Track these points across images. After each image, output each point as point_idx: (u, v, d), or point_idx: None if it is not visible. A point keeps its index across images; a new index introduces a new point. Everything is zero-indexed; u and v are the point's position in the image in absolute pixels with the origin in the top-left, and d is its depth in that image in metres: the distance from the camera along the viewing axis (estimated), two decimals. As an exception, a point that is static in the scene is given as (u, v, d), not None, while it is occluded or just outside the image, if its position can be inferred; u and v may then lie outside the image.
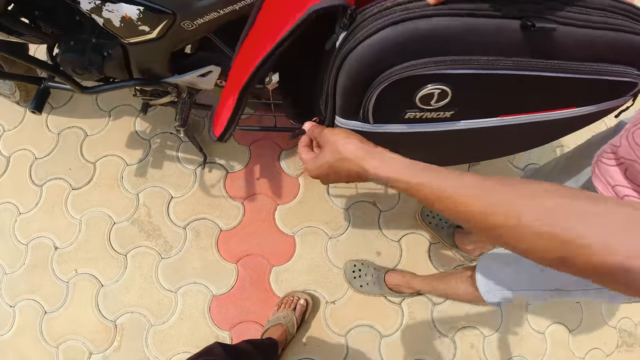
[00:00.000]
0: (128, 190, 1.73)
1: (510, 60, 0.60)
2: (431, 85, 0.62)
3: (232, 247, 1.71)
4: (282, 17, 0.69)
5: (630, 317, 1.98)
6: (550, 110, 0.74)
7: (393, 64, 0.60)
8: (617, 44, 0.62)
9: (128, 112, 1.84)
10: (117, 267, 1.65)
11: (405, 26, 0.56)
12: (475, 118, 0.73)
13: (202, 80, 1.30)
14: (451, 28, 0.56)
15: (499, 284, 1.10)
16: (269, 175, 1.82)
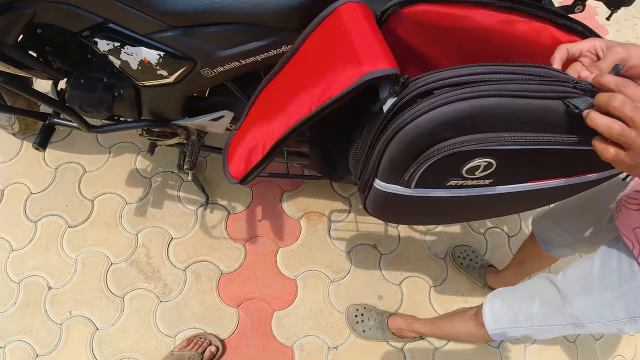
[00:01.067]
0: (127, 229, 1.68)
1: (552, 136, 0.63)
2: (479, 158, 0.64)
3: (233, 290, 1.67)
4: (326, 69, 0.69)
5: (624, 354, 1.98)
6: (575, 176, 0.76)
7: (446, 138, 0.61)
8: None
9: (129, 149, 1.80)
10: (113, 310, 1.58)
11: (462, 105, 0.58)
12: (509, 184, 0.75)
13: (213, 124, 1.27)
14: (503, 107, 0.59)
15: (509, 320, 1.10)
16: (270, 217, 1.79)
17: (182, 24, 0.90)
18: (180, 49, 0.96)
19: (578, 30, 0.79)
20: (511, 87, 0.59)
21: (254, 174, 0.86)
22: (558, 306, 1.00)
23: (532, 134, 0.62)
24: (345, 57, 0.67)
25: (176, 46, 0.95)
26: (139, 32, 0.93)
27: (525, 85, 0.59)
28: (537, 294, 1.06)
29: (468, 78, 0.59)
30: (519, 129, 0.62)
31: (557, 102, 0.60)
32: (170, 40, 0.94)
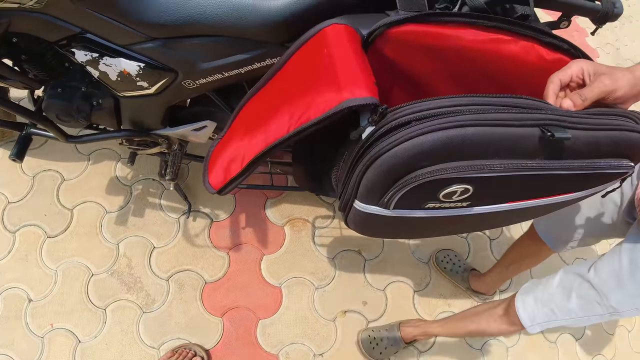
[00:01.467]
0: (107, 239, 1.64)
1: (529, 163, 0.65)
2: (456, 185, 0.65)
3: (217, 299, 1.64)
4: (307, 90, 0.69)
5: (604, 354, 2.02)
6: (552, 196, 0.78)
7: (423, 166, 0.62)
8: (617, 142, 0.69)
9: (109, 156, 1.76)
10: (95, 322, 1.54)
11: (438, 135, 0.59)
12: (487, 205, 0.76)
13: (195, 134, 1.25)
14: (480, 136, 0.60)
15: (546, 315, 1.14)
16: (254, 224, 1.77)
17: (162, 35, 0.88)
18: (161, 60, 0.94)
19: (564, 48, 0.81)
20: (488, 116, 0.60)
21: (232, 185, 0.85)
22: (596, 300, 1.04)
23: (510, 160, 0.64)
24: (326, 80, 0.66)
25: (157, 57, 0.93)
26: (118, 43, 0.91)
27: (503, 114, 0.61)
28: (572, 290, 1.09)
29: (447, 110, 0.60)
30: (496, 156, 0.63)
31: (535, 130, 0.62)
32: (151, 51, 0.91)
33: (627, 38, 3.37)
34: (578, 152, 0.67)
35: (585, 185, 0.78)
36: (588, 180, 0.75)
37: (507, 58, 0.81)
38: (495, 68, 0.84)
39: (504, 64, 0.82)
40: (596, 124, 0.66)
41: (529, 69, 0.83)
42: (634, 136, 0.69)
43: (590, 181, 0.75)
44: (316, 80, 0.69)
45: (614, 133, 0.67)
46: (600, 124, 0.67)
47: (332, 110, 0.63)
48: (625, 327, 2.13)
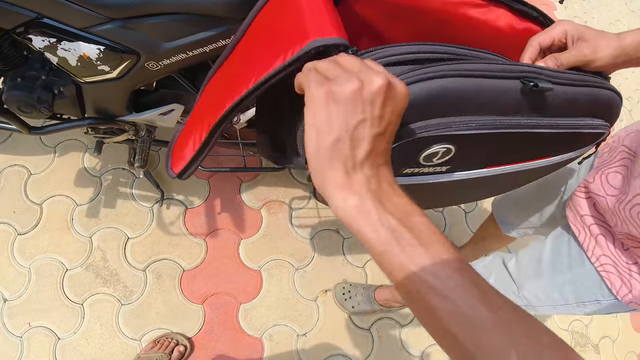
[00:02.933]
0: (80, 233, 1.60)
1: (513, 119, 0.64)
2: (438, 145, 0.62)
3: (196, 287, 1.62)
4: (268, 53, 0.64)
5: (581, 319, 2.08)
6: (529, 160, 0.77)
7: (403, 124, 0.57)
8: (593, 99, 0.69)
9: (75, 147, 1.70)
10: (73, 318, 1.51)
11: (420, 86, 0.55)
12: (466, 170, 0.75)
13: (162, 118, 1.22)
14: (462, 89, 0.58)
15: None
16: (230, 209, 1.74)
17: (121, 15, 0.84)
18: (121, 42, 0.89)
19: (532, 16, 0.80)
20: (470, 66, 0.58)
21: (192, 167, 0.80)
22: (512, 290, 1.05)
23: (493, 117, 0.62)
24: (292, 30, 0.60)
25: (117, 39, 0.89)
26: (76, 26, 0.86)
27: (484, 64, 0.59)
28: (492, 271, 1.11)
29: (423, 56, 0.58)
30: (478, 111, 0.61)
31: (516, 82, 0.60)
32: (110, 33, 0.87)
33: (595, 11, 3.42)
34: (558, 109, 0.67)
35: (563, 149, 0.78)
36: (567, 143, 0.75)
37: (476, 23, 0.80)
38: (465, 34, 0.82)
39: (473, 29, 0.81)
40: (572, 79, 0.66)
41: (499, 36, 0.82)
42: (605, 93, 0.69)
43: (568, 144, 0.75)
44: (281, 34, 0.63)
45: (590, 90, 0.68)
46: (575, 79, 0.66)
47: (299, 53, 0.56)
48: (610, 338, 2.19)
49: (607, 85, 0.69)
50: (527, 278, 1.02)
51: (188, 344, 1.53)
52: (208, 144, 0.74)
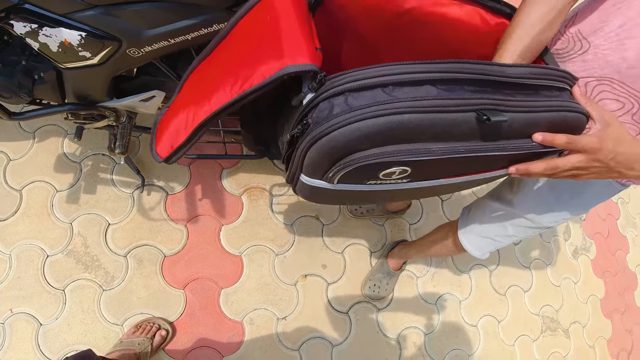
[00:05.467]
0: (60, 219, 1.60)
1: (466, 145, 0.68)
2: (394, 167, 0.67)
3: (178, 272, 1.65)
4: (251, 57, 0.69)
5: (551, 304, 2.17)
6: (487, 172, 0.82)
7: (362, 149, 0.64)
8: (557, 122, 0.72)
9: (54, 132, 1.69)
10: (55, 304, 1.52)
11: (376, 121, 0.61)
12: (425, 181, 0.80)
13: (144, 104, 1.22)
14: (416, 123, 0.62)
15: (491, 244, 1.28)
16: (211, 195, 1.77)
17: (103, 2, 0.85)
18: (103, 28, 0.90)
19: (506, 12, 0.84)
20: (425, 102, 0.61)
21: (179, 153, 0.83)
22: (529, 225, 1.16)
23: (446, 144, 0.66)
24: (269, 47, 0.67)
25: (98, 26, 0.89)
26: (58, 12, 0.87)
27: (440, 100, 0.62)
28: (506, 222, 1.21)
29: (384, 79, 0.62)
30: (433, 139, 0.65)
31: (471, 114, 0.64)
32: (92, 19, 0.88)
33: None
34: (515, 133, 0.70)
35: (521, 161, 0.81)
36: (525, 158, 0.78)
37: (451, 21, 0.84)
38: (440, 31, 0.86)
39: (449, 27, 0.85)
40: (534, 107, 0.69)
41: (474, 32, 0.86)
42: (571, 116, 0.72)
43: (526, 158, 0.78)
44: (260, 47, 0.69)
45: (551, 115, 0.71)
46: (539, 106, 0.69)
47: (272, 76, 0.63)
48: (571, 279, 2.30)
49: (575, 108, 0.73)
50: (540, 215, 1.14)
51: (170, 328, 1.56)
52: (193, 137, 0.78)
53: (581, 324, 2.24)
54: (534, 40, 0.79)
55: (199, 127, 0.76)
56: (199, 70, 0.85)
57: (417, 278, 1.96)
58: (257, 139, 1.02)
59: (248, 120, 1.00)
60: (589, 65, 0.83)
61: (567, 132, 0.73)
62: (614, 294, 2.42)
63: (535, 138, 0.72)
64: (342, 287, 1.83)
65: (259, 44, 0.70)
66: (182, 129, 0.80)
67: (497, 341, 2.01)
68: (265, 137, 0.96)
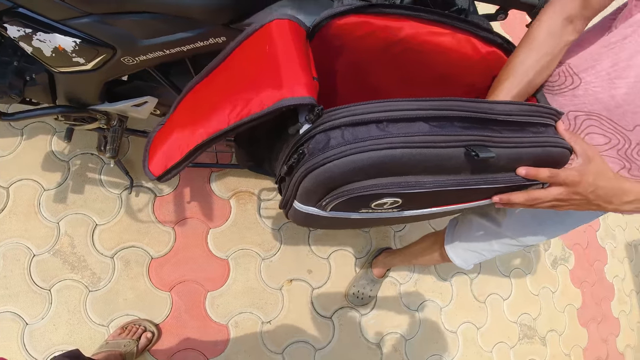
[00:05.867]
0: (47, 218, 1.61)
1: (455, 179, 0.72)
2: (386, 198, 0.71)
3: (164, 275, 1.67)
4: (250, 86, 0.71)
5: (529, 312, 2.24)
6: (475, 202, 0.86)
7: (355, 180, 0.68)
8: (542, 158, 0.76)
9: (44, 130, 1.69)
10: (41, 303, 1.53)
11: (370, 155, 0.64)
12: (415, 210, 0.84)
13: (136, 109, 1.23)
14: (408, 157, 0.66)
15: (477, 257, 1.35)
16: (199, 198, 1.78)
17: (99, 10, 0.85)
18: (98, 36, 0.90)
19: (497, 42, 0.88)
20: (417, 139, 0.65)
21: (172, 172, 0.85)
22: (513, 244, 1.23)
23: (437, 177, 0.70)
24: (268, 77, 0.69)
25: (94, 33, 0.89)
26: (53, 18, 0.87)
27: (431, 137, 0.66)
28: (492, 239, 1.26)
29: (379, 116, 0.65)
30: (424, 172, 0.69)
31: (461, 150, 0.68)
32: (87, 27, 0.88)
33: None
34: (501, 167, 0.75)
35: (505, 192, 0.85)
36: (508, 189, 0.82)
37: (444, 49, 0.87)
38: (433, 59, 0.89)
39: (441, 55, 0.88)
40: (520, 143, 0.73)
41: (465, 60, 0.89)
42: (556, 151, 0.77)
43: (510, 189, 0.82)
44: (259, 76, 0.71)
45: (536, 150, 0.75)
46: (525, 142, 0.74)
47: (271, 107, 0.66)
48: (549, 288, 2.37)
49: (559, 143, 0.77)
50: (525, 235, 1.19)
51: (155, 330, 1.58)
52: (188, 159, 0.80)
53: (558, 333, 2.31)
54: (528, 85, 0.84)
55: (195, 149, 0.78)
56: (196, 90, 0.86)
57: (400, 284, 2.01)
58: (251, 155, 1.04)
59: (243, 138, 1.02)
60: (579, 101, 0.87)
61: (551, 166, 0.77)
62: (591, 303, 2.50)
63: (519, 172, 0.76)
64: (327, 292, 1.87)
65: (258, 73, 0.72)
66: (177, 149, 0.81)
67: (476, 347, 2.07)
68: (258, 155, 0.98)
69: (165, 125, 0.91)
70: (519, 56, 0.84)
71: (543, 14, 0.84)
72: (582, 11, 0.81)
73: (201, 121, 0.78)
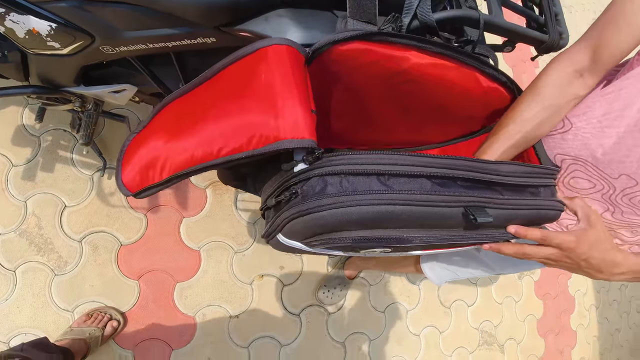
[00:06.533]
0: (14, 195, 1.62)
1: (448, 234, 0.74)
2: (378, 248, 0.73)
3: (133, 262, 1.72)
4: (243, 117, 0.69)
5: (491, 320, 2.39)
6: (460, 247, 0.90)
7: (351, 230, 0.68)
8: (536, 218, 0.80)
9: (15, 101, 1.67)
10: (5, 285, 1.56)
11: (368, 209, 0.65)
12: (404, 252, 0.89)
13: (113, 96, 1.21)
14: (406, 214, 0.67)
15: (450, 275, 1.42)
16: (174, 186, 1.81)
17: None
18: (76, 22, 0.88)
19: (502, 81, 0.91)
20: (418, 197, 0.66)
21: (150, 192, 0.82)
22: (486, 270, 1.31)
23: (430, 232, 0.72)
24: (264, 108, 0.67)
25: (71, 19, 0.87)
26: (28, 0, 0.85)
27: (433, 196, 0.68)
28: (468, 262, 1.34)
29: (381, 168, 0.66)
30: (419, 227, 0.71)
31: (459, 209, 0.71)
32: (65, 12, 0.85)
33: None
34: (495, 225, 0.77)
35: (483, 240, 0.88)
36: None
37: (448, 83, 0.89)
38: (434, 90, 0.90)
39: (444, 87, 0.90)
40: (519, 205, 0.77)
41: (467, 93, 0.92)
42: (550, 214, 0.81)
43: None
44: (253, 105, 0.69)
45: (531, 212, 0.79)
46: (522, 204, 0.77)
47: (267, 147, 0.65)
48: (513, 298, 2.53)
49: (556, 207, 0.81)
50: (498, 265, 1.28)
51: (121, 318, 1.63)
52: (169, 182, 0.78)
53: (516, 341, 2.48)
54: (525, 136, 0.88)
55: (177, 175, 0.77)
56: (177, 104, 0.84)
57: (369, 286, 2.12)
58: (235, 177, 1.03)
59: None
60: (568, 145, 0.91)
61: (543, 223, 0.82)
62: (552, 315, 2.69)
63: (509, 230, 0.79)
64: (297, 290, 1.96)
65: (252, 100, 0.70)
66: (156, 168, 0.79)
67: (437, 351, 2.22)
68: (242, 172, 0.97)
69: (140, 135, 0.87)
70: (520, 105, 0.87)
71: (551, 64, 0.87)
72: (592, 65, 0.82)
73: (184, 140, 0.76)
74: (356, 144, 1.20)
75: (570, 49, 0.87)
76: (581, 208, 0.81)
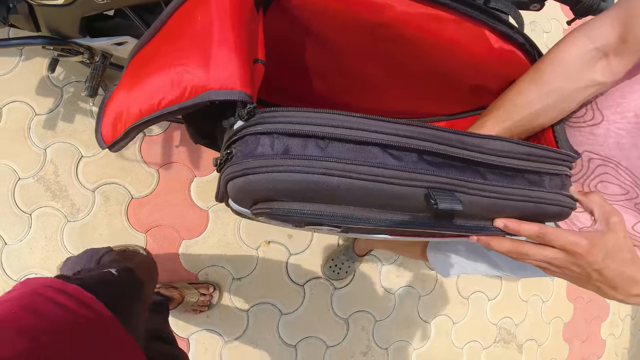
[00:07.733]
0: (35, 143, 1.85)
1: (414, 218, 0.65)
2: (325, 226, 0.66)
3: (142, 216, 1.93)
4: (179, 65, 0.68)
5: (512, 317, 2.47)
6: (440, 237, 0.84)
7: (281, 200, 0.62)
8: (528, 212, 0.69)
9: (41, 52, 1.89)
10: (21, 226, 1.81)
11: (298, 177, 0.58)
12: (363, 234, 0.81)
13: (117, 48, 1.36)
14: (345, 188, 0.59)
15: (459, 270, 1.41)
16: (189, 144, 2.00)
17: None
18: None
19: (519, 42, 0.81)
20: (362, 169, 0.58)
21: (119, 145, 0.83)
22: (497, 270, 1.29)
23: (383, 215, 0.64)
24: (198, 58, 0.65)
25: None
26: None
27: (380, 169, 0.59)
28: (478, 258, 1.32)
29: (322, 130, 0.59)
30: (368, 207, 0.63)
31: (419, 191, 0.61)
32: None
33: None
34: (474, 215, 0.68)
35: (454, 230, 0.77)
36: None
37: (446, 41, 0.81)
38: (431, 51, 0.84)
39: (441, 47, 0.82)
40: (507, 194, 0.66)
41: (474, 57, 0.84)
42: (555, 210, 0.70)
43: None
44: (189, 53, 0.67)
45: (527, 205, 0.68)
46: (512, 194, 0.66)
47: (196, 99, 0.63)
48: (541, 297, 2.58)
49: (562, 202, 0.70)
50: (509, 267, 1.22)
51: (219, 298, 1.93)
52: (129, 134, 0.79)
53: (537, 343, 2.55)
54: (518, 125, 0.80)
55: (132, 128, 0.77)
56: (142, 52, 0.85)
57: (381, 265, 2.26)
58: (201, 133, 0.99)
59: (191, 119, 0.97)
60: (597, 141, 0.81)
61: (544, 220, 0.71)
62: (581, 320, 2.72)
63: (497, 224, 0.69)
64: (304, 260, 2.13)
65: (188, 53, 0.68)
66: (122, 121, 0.80)
67: (447, 341, 2.34)
68: (209, 132, 0.94)
69: (116, 89, 0.89)
70: (517, 85, 0.79)
71: (567, 37, 0.76)
72: (619, 45, 0.71)
73: (139, 91, 0.75)
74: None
75: (593, 20, 0.75)
76: (599, 206, 0.69)
